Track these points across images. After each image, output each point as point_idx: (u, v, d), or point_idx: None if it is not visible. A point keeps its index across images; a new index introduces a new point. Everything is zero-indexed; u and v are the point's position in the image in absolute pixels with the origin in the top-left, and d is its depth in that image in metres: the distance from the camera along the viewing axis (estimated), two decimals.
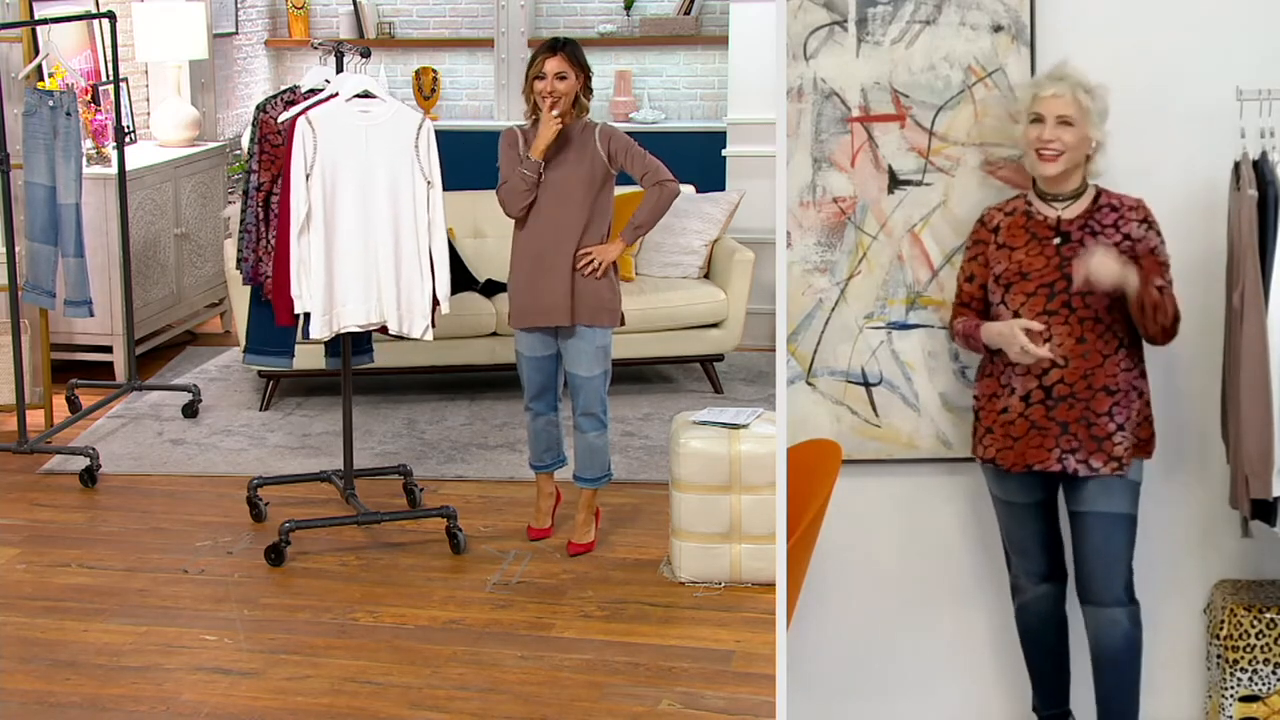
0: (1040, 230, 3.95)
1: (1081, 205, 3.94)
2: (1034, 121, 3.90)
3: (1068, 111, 3.86)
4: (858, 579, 4.30)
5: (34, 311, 6.85)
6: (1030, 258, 3.93)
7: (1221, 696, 4.13)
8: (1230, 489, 3.92)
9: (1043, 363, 3.88)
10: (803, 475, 4.03)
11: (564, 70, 5.26)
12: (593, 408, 5.43)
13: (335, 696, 4.54)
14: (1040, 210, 3.96)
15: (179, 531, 5.78)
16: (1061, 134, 3.86)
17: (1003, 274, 3.96)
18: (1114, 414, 3.88)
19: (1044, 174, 3.92)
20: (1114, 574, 3.94)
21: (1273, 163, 3.80)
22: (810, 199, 4.16)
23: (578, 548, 5.54)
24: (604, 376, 5.43)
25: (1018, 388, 3.92)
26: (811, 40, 4.12)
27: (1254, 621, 4.08)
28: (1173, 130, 4.06)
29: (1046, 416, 3.90)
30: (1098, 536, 3.93)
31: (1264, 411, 3.74)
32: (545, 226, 5.33)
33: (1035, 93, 3.92)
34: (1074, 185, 3.94)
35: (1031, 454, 3.92)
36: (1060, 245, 3.91)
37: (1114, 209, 3.93)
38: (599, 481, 5.54)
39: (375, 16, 10.27)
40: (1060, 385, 3.88)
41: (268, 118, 5.63)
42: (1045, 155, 3.88)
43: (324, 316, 5.34)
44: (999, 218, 4.02)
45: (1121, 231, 3.90)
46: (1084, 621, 4.02)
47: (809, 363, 4.21)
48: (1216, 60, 4.03)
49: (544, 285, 5.33)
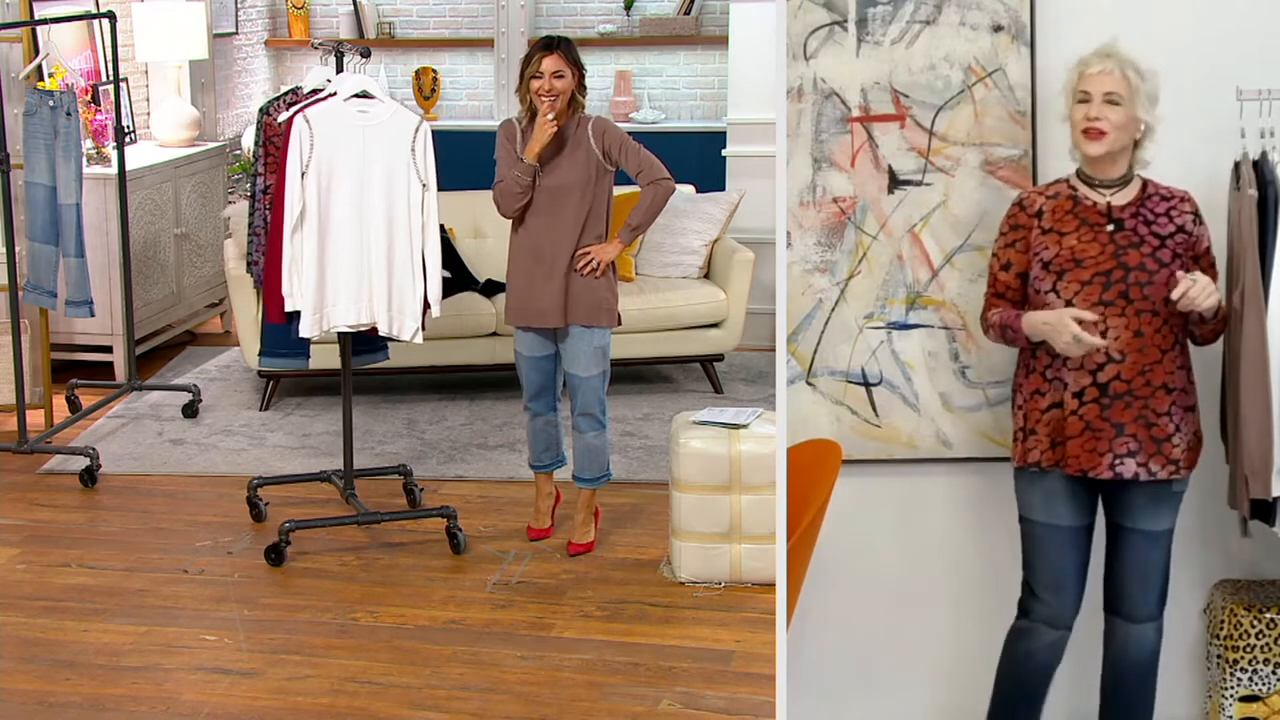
0: (1091, 216, 3.79)
1: (1130, 193, 3.81)
2: (1080, 102, 3.76)
3: (1115, 89, 3.72)
4: (858, 579, 4.30)
5: (34, 311, 6.85)
6: (1083, 244, 3.76)
7: (1221, 696, 4.13)
8: (1230, 489, 3.91)
9: (1097, 357, 3.71)
10: (803, 475, 4.03)
11: (561, 69, 5.26)
12: (591, 408, 5.43)
13: (335, 696, 4.54)
14: (1088, 195, 3.81)
15: (179, 531, 5.78)
16: (1108, 113, 3.72)
17: (1054, 260, 3.76)
18: (1173, 414, 3.74)
19: (1090, 153, 3.76)
20: (1152, 590, 3.87)
21: (1273, 163, 3.80)
22: (810, 199, 4.16)
23: (578, 548, 5.54)
24: (602, 377, 5.42)
25: (1070, 383, 3.75)
26: (811, 40, 4.12)
27: (1254, 621, 4.08)
28: (1172, 130, 4.05)
29: (1101, 417, 3.72)
30: (1141, 554, 3.84)
31: (1264, 411, 3.74)
32: (542, 227, 5.33)
33: (1082, 70, 3.77)
34: (1121, 170, 3.80)
35: (1086, 458, 3.75)
36: (1114, 233, 3.77)
37: (1165, 198, 3.80)
38: (598, 482, 5.54)
39: (375, 16, 10.27)
40: (1117, 382, 3.72)
41: (270, 120, 5.63)
42: (1091, 133, 3.74)
43: (314, 315, 5.34)
44: (1041, 201, 3.85)
45: (1175, 223, 3.78)
46: (1106, 633, 3.95)
47: (809, 363, 4.21)
48: (1216, 60, 4.03)
49: (540, 287, 5.33)
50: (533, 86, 5.28)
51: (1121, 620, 3.92)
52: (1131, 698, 3.95)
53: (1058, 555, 3.86)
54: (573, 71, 5.29)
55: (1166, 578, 3.90)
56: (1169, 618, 4.11)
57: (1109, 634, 3.97)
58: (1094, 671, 4.10)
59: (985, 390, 4.16)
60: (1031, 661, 3.94)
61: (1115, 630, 3.94)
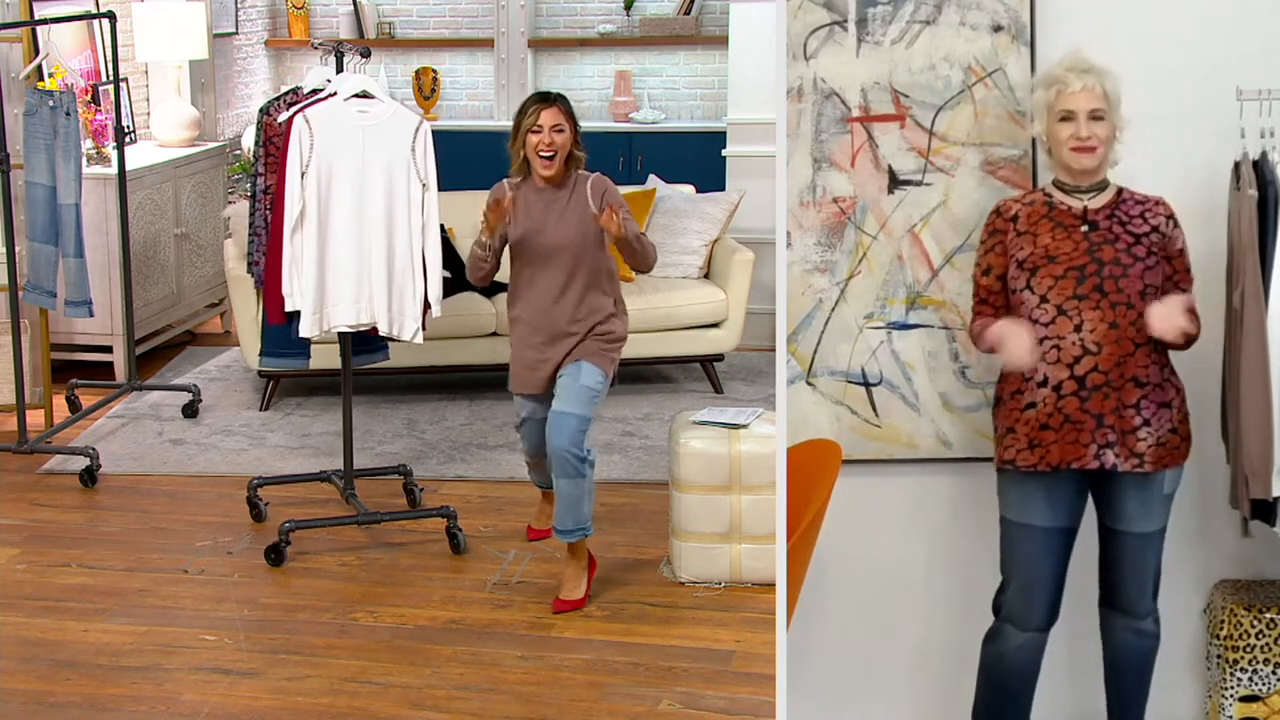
0: (1066, 219, 3.82)
1: (1106, 197, 3.84)
2: (1064, 120, 3.78)
3: (1099, 105, 3.76)
4: (858, 579, 4.30)
5: (34, 311, 6.86)
6: (1057, 242, 3.79)
7: (1221, 696, 4.13)
8: (1230, 489, 3.92)
9: (1073, 351, 3.72)
10: (803, 475, 4.03)
11: (560, 123, 5.03)
12: (566, 446, 4.95)
13: (335, 696, 4.54)
14: (1063, 201, 3.85)
15: (179, 531, 5.78)
16: (1095, 129, 3.76)
17: (1028, 258, 3.80)
18: (1142, 408, 3.76)
19: (1083, 166, 3.78)
20: (1148, 585, 3.91)
21: (1273, 163, 3.80)
22: (810, 199, 4.16)
23: (564, 604, 5.07)
24: (582, 420, 4.99)
25: (1049, 377, 3.77)
26: (811, 40, 4.12)
27: (1254, 621, 4.08)
28: (1172, 130, 4.05)
29: (1081, 409, 3.74)
30: (1135, 554, 3.87)
31: (1264, 411, 3.74)
32: (541, 290, 5.10)
33: (1060, 89, 3.79)
34: (1101, 175, 3.83)
35: (1068, 450, 3.77)
36: (1089, 232, 3.79)
37: (1139, 203, 3.84)
38: (572, 535, 5.06)
39: (375, 16, 10.28)
40: (1094, 374, 3.73)
41: (271, 120, 5.63)
42: (1084, 149, 3.76)
43: (314, 315, 5.34)
44: (1016, 207, 3.89)
45: (1150, 224, 3.81)
46: (1104, 627, 3.99)
47: (809, 363, 4.21)
48: (1216, 60, 4.03)
49: (540, 355, 5.12)
50: (530, 142, 5.04)
51: (1120, 614, 3.96)
52: (1134, 689, 3.99)
53: (1031, 556, 3.88)
54: (571, 126, 5.06)
55: (1159, 571, 3.94)
56: (1169, 618, 4.11)
57: (1108, 628, 4.00)
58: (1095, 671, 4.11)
59: (985, 390, 4.16)
60: (1004, 662, 3.96)
61: (1114, 624, 3.98)
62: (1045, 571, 3.88)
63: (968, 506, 4.24)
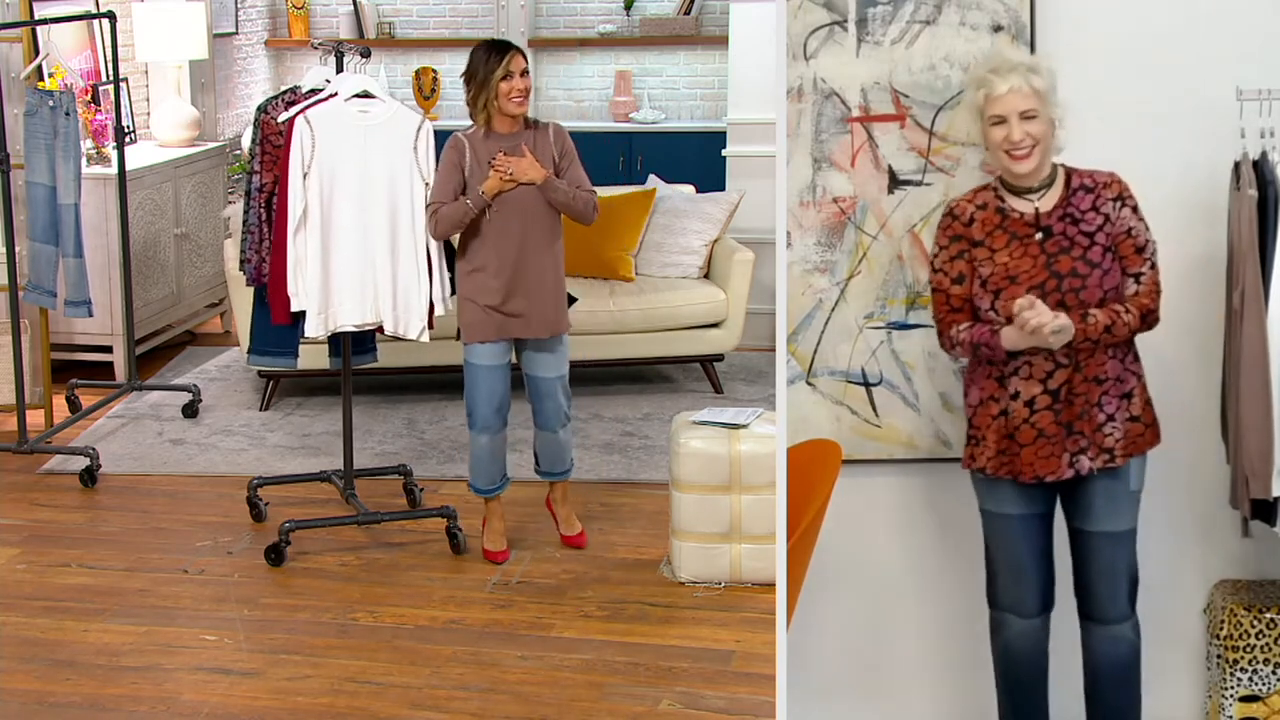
0: (1019, 228, 3.77)
1: (1056, 193, 3.77)
2: (995, 124, 3.72)
3: (1029, 105, 3.68)
4: (858, 579, 4.30)
5: (34, 311, 6.86)
6: (1015, 260, 3.75)
7: (1221, 696, 4.13)
8: (1230, 489, 3.92)
9: (1045, 365, 3.73)
10: (803, 475, 4.03)
11: (525, 67, 5.19)
12: (564, 406, 5.44)
13: (335, 696, 4.54)
14: (1014, 206, 3.78)
15: (179, 531, 5.79)
16: (1028, 129, 3.69)
17: (990, 278, 3.76)
18: (1104, 404, 3.76)
19: (1020, 171, 3.72)
20: (1120, 590, 3.87)
21: (1273, 163, 3.80)
22: (810, 199, 4.16)
23: (574, 540, 5.59)
24: (565, 377, 5.44)
25: (1022, 391, 3.77)
26: (811, 40, 4.12)
27: (1254, 621, 4.08)
28: (1173, 130, 4.05)
29: (1055, 422, 3.75)
30: (1105, 556, 3.85)
31: (1264, 411, 3.74)
32: (514, 237, 5.22)
33: (987, 93, 3.72)
34: (1045, 172, 3.76)
35: (1041, 464, 3.77)
36: (1044, 241, 3.75)
37: (1088, 190, 3.76)
38: (567, 474, 5.57)
39: (375, 16, 10.28)
40: (1065, 386, 3.74)
41: (269, 118, 5.63)
42: (1018, 155, 3.71)
43: (319, 315, 5.35)
44: (970, 209, 3.82)
45: (1101, 213, 3.75)
46: (1082, 638, 3.96)
47: (809, 363, 4.21)
48: (1216, 60, 4.03)
49: (531, 300, 5.25)
50: (502, 89, 5.13)
51: (1095, 624, 3.92)
52: (1116, 700, 3.94)
53: (1018, 541, 3.89)
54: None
55: (1134, 577, 3.90)
56: (1169, 618, 4.11)
57: (1085, 639, 3.96)
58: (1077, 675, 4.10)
59: None
60: (1011, 652, 3.97)
61: (1091, 636, 3.94)
62: (1030, 555, 3.90)
63: (967, 506, 4.23)
